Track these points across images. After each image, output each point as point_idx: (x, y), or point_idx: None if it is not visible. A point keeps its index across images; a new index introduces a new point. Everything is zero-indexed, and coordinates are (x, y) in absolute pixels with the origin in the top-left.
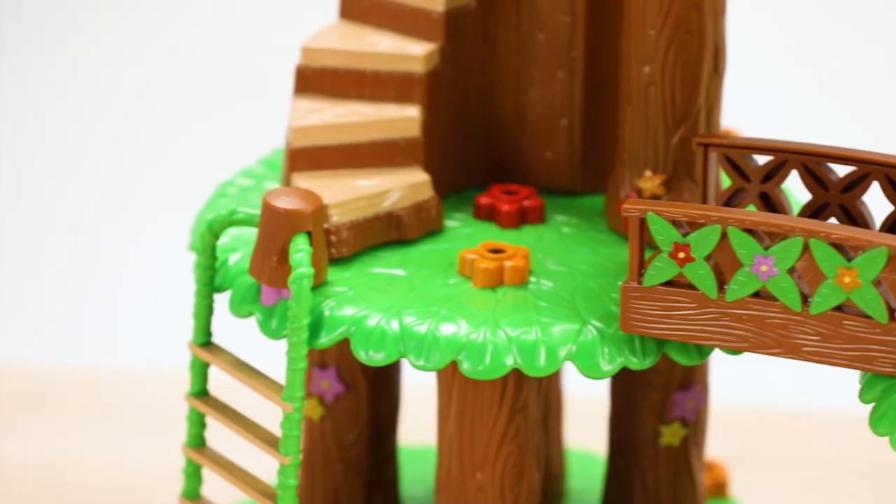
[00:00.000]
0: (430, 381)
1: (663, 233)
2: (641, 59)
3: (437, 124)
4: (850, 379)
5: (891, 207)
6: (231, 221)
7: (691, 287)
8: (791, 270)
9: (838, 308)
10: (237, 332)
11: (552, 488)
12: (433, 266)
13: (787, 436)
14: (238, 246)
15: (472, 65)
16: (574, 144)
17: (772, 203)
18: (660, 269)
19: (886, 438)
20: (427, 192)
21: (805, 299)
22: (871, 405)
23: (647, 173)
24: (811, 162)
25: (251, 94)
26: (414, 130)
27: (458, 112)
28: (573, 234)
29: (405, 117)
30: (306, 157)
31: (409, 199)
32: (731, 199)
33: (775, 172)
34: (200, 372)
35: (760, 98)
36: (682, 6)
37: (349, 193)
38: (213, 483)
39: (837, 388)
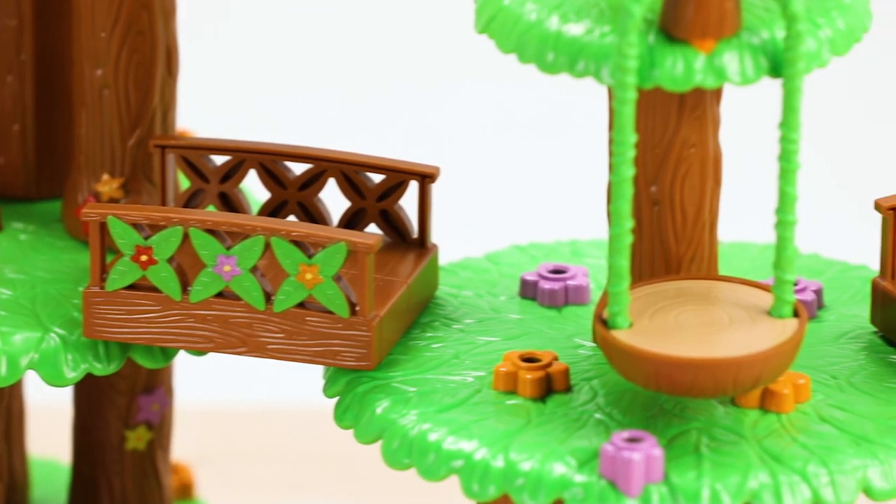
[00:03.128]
0: None
1: (124, 236)
2: (94, 61)
3: None
4: (316, 374)
5: (348, 203)
6: None
7: (155, 290)
8: (254, 269)
9: (301, 305)
10: None
11: (16, 498)
12: None
13: (253, 433)
14: None
15: None
16: (28, 150)
17: (231, 203)
18: (122, 273)
19: (351, 431)
20: None
21: (268, 297)
22: (336, 399)
23: (105, 177)
24: (268, 161)
25: None
26: None
27: None
28: (31, 241)
29: None
30: None
31: None
32: (191, 201)
33: (233, 172)
34: None
35: (218, 98)
36: (131, 7)
37: None
38: None
39: (303, 384)
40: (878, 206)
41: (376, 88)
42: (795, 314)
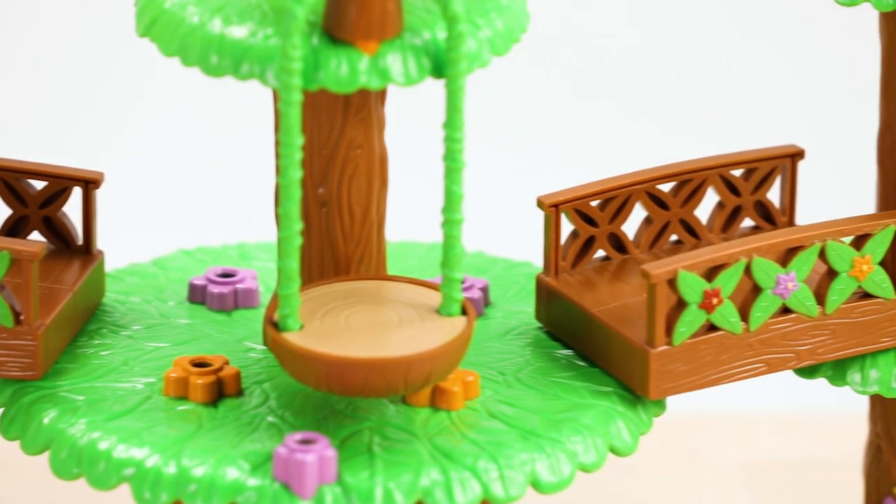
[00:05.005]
0: None
1: None
2: None
3: None
4: None
5: (9, 211)
6: None
7: None
8: None
9: None
10: None
11: None
12: None
13: None
14: None
15: None
16: None
17: None
18: None
19: (18, 443)
20: None
21: None
22: (0, 410)
23: None
24: None
25: None
26: None
27: None
28: None
29: None
30: None
31: None
32: None
33: None
34: None
35: None
36: None
37: None
38: None
39: None
40: (540, 203)
41: (38, 93)
42: (463, 312)
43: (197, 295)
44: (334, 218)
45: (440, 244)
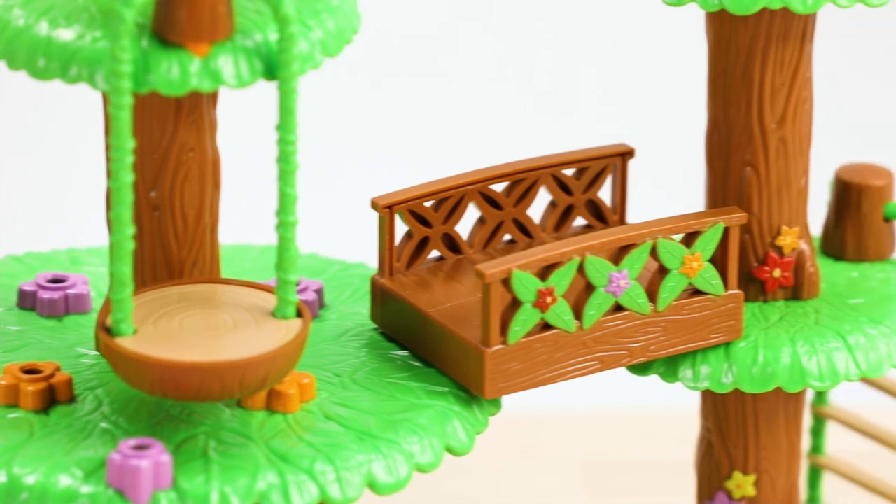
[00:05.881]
0: None
1: None
2: None
3: None
4: None
5: None
6: None
7: None
8: None
9: None
10: None
11: None
12: None
13: None
14: None
15: None
16: None
17: None
18: None
19: None
20: None
21: None
22: None
23: None
24: None
25: None
26: None
27: None
28: None
29: None
30: None
31: None
32: None
33: None
34: None
35: None
36: None
37: None
38: None
39: None
40: (374, 204)
41: None
42: (298, 314)
43: (27, 301)
44: (167, 221)
45: (274, 246)
